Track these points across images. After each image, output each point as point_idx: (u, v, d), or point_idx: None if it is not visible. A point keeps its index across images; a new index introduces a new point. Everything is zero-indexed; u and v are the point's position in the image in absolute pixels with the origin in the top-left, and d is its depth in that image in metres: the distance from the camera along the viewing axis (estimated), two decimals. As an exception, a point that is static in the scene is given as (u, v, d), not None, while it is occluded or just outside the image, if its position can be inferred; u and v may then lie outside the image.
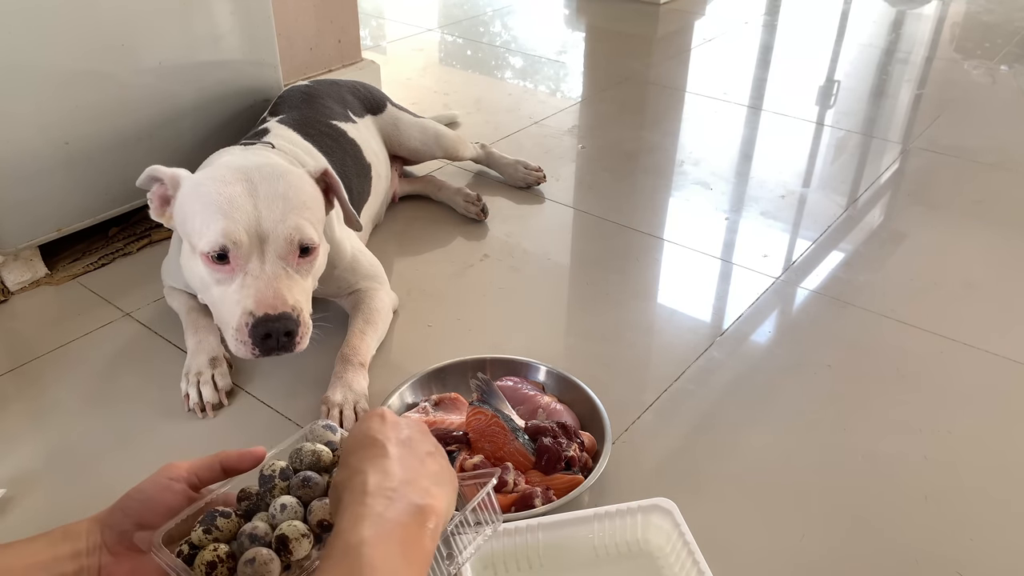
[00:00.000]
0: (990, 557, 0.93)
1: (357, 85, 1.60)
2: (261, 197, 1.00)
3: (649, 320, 1.35)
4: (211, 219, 0.98)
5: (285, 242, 1.00)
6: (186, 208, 1.02)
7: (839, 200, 1.72)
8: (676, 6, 3.07)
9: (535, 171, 1.74)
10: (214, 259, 0.99)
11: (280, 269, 1.00)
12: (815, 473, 1.04)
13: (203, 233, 0.98)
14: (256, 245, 0.99)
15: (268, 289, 0.98)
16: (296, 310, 0.99)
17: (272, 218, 0.99)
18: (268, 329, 0.97)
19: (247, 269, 0.99)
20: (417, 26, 2.88)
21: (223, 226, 0.97)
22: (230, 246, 0.97)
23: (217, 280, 1.00)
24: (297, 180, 1.04)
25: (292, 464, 0.77)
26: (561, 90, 2.34)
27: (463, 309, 1.36)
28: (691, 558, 0.84)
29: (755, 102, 2.23)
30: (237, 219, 0.98)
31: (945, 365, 1.23)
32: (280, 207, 1.00)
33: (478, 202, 1.63)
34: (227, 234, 0.97)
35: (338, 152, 1.36)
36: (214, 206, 0.98)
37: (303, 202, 1.03)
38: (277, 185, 1.01)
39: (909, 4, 3.18)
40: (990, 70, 2.48)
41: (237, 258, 0.98)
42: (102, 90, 1.35)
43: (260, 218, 0.99)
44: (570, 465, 0.98)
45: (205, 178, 1.02)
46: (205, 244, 0.98)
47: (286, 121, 1.35)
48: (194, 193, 1.02)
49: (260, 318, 0.96)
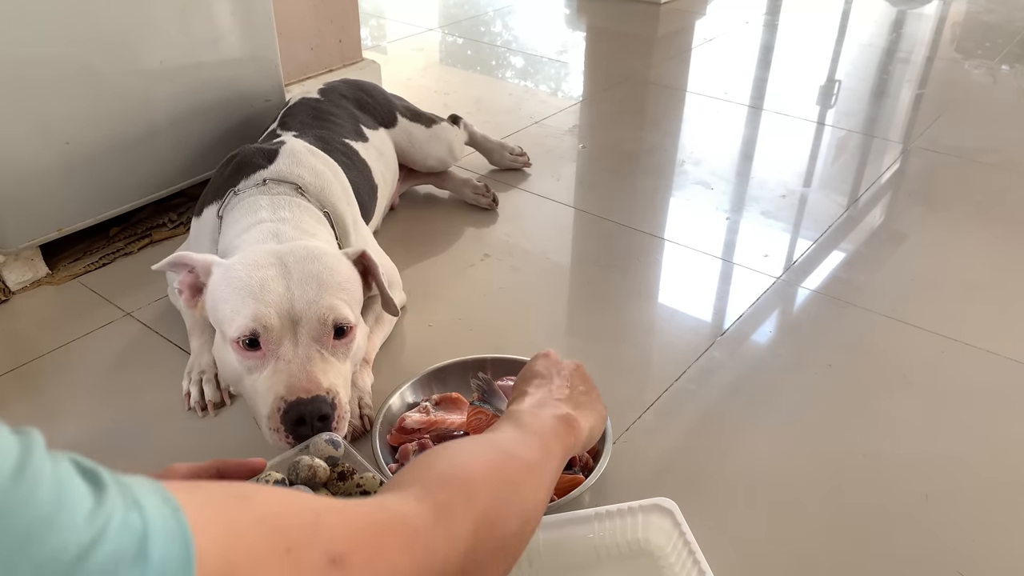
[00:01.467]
0: (990, 557, 0.93)
1: (362, 97, 1.57)
2: (295, 279, 0.96)
3: (650, 320, 1.35)
4: (241, 304, 0.94)
5: (319, 323, 0.95)
6: (217, 295, 0.98)
7: (840, 200, 1.72)
8: (677, 6, 3.07)
9: (519, 156, 1.82)
10: (245, 345, 0.94)
11: (314, 352, 0.95)
12: (815, 473, 1.04)
13: (233, 319, 0.94)
14: (289, 328, 0.95)
15: (301, 373, 0.92)
16: (331, 393, 0.93)
17: (305, 299, 0.95)
18: (300, 413, 0.90)
19: (279, 354, 0.94)
20: (418, 26, 2.88)
21: (253, 310, 0.93)
22: (260, 331, 0.93)
23: (248, 368, 0.95)
24: (333, 261, 1.01)
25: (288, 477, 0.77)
26: (562, 90, 2.34)
27: (463, 309, 1.36)
28: (692, 558, 0.84)
29: (756, 102, 2.23)
30: (268, 302, 0.94)
31: (945, 365, 1.23)
32: (314, 287, 0.96)
33: (488, 192, 1.64)
34: (257, 318, 0.93)
35: (353, 171, 1.34)
36: (245, 290, 0.94)
37: (338, 283, 0.99)
38: (312, 266, 0.98)
39: (910, 4, 3.18)
40: (991, 70, 2.47)
41: (268, 343, 0.94)
42: (103, 90, 1.35)
43: (293, 299, 0.95)
44: (571, 465, 0.98)
45: (237, 263, 0.98)
46: (235, 330, 0.94)
47: (303, 137, 1.32)
48: (224, 279, 0.97)
49: (292, 403, 0.91)
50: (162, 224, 1.55)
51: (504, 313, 1.35)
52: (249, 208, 1.13)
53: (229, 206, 1.16)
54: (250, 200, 1.14)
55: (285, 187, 1.16)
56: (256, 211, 1.12)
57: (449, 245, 1.55)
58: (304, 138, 1.32)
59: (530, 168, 1.83)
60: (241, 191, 1.16)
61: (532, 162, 1.83)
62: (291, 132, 1.35)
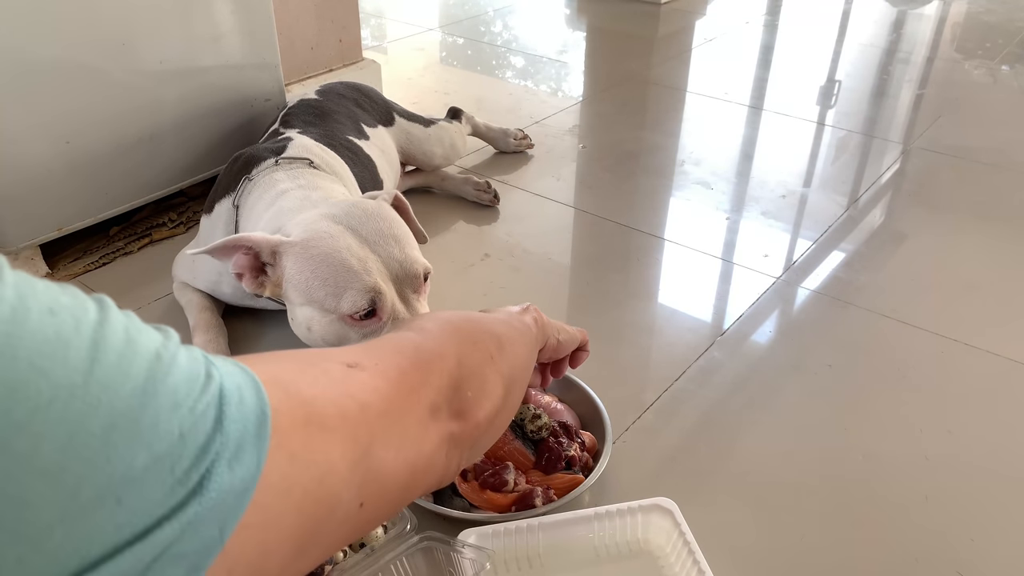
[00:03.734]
0: (990, 557, 0.93)
1: (360, 98, 1.58)
2: (373, 242, 0.99)
3: (650, 320, 1.35)
4: (345, 280, 0.96)
5: (414, 277, 1.00)
6: (305, 274, 0.98)
7: (840, 200, 1.72)
8: (677, 6, 3.07)
9: (522, 139, 1.89)
10: (362, 317, 0.97)
11: (417, 303, 1.01)
12: (815, 473, 1.04)
13: (340, 295, 0.96)
14: (394, 290, 0.99)
15: None
16: None
17: (395, 259, 0.99)
18: None
19: (395, 314, 0.99)
20: (418, 26, 2.88)
21: (364, 283, 0.96)
22: (377, 299, 0.96)
23: (365, 335, 0.99)
24: (388, 212, 1.04)
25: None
26: (562, 90, 2.34)
27: (464, 309, 1.35)
28: (692, 558, 0.84)
29: (756, 102, 2.23)
30: (370, 271, 0.97)
31: (945, 365, 1.23)
32: (394, 246, 1.00)
33: (489, 189, 1.64)
34: (370, 289, 0.96)
35: (358, 166, 1.35)
36: (341, 266, 0.96)
37: (405, 232, 1.03)
38: (380, 225, 1.01)
39: (910, 4, 3.18)
40: (991, 70, 2.48)
41: (383, 309, 0.97)
42: (103, 89, 1.35)
43: (385, 263, 0.99)
44: (571, 465, 0.98)
45: (309, 238, 0.99)
46: (349, 306, 0.96)
47: (307, 135, 1.33)
48: (307, 257, 0.98)
49: None
50: (162, 224, 1.55)
51: (504, 313, 1.35)
52: (267, 185, 1.15)
53: (245, 192, 1.18)
54: (265, 179, 1.16)
55: (298, 163, 1.20)
56: (275, 185, 1.14)
57: (449, 245, 1.55)
58: (308, 135, 1.33)
59: (532, 151, 1.90)
60: (254, 176, 1.18)
61: (532, 162, 1.83)
62: (294, 130, 1.36)
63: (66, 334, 0.32)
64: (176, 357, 0.37)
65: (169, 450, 0.34)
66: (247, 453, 0.37)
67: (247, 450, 0.37)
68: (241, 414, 0.38)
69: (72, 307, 0.34)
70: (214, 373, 0.38)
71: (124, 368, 0.34)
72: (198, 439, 0.35)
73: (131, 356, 0.34)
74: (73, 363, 0.32)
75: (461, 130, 1.75)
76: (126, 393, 0.33)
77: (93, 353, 0.33)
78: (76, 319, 0.33)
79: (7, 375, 0.29)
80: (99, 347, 0.33)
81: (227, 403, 0.37)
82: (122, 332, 0.35)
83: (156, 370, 0.35)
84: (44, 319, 0.32)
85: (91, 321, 0.34)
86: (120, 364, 0.33)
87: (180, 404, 0.35)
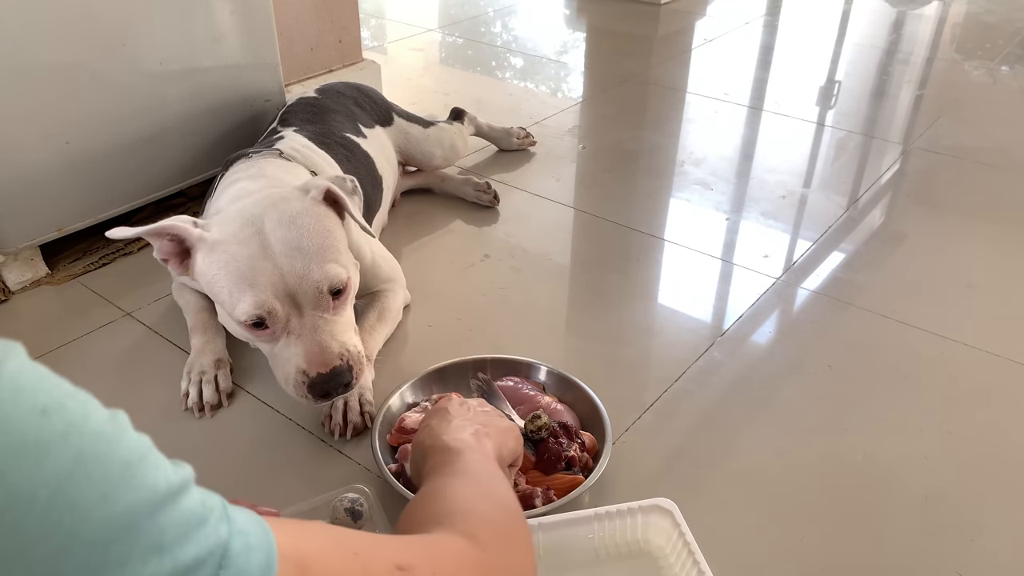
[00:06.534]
0: (990, 557, 0.93)
1: (359, 97, 1.58)
2: (277, 252, 0.96)
3: (650, 320, 1.35)
4: (238, 290, 0.95)
5: (316, 293, 0.98)
6: (209, 276, 0.98)
7: (840, 200, 1.72)
8: (677, 6, 3.07)
9: (525, 138, 1.90)
10: (252, 326, 0.97)
11: (318, 320, 0.98)
12: (815, 473, 1.04)
13: (234, 304, 0.96)
14: (290, 304, 0.97)
15: (315, 346, 0.97)
16: (343, 356, 0.98)
17: (296, 274, 0.96)
18: (325, 389, 0.98)
19: (288, 328, 0.98)
20: (418, 26, 2.88)
21: (253, 298, 0.95)
22: (265, 315, 0.96)
23: (261, 340, 1.00)
24: (306, 219, 1.00)
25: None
26: (562, 90, 2.34)
27: (464, 309, 1.36)
28: (691, 558, 0.84)
29: (756, 102, 2.23)
30: (263, 286, 0.95)
31: (945, 365, 1.23)
32: (300, 259, 0.97)
33: (489, 189, 1.65)
34: (259, 305, 0.95)
35: (354, 163, 1.36)
36: (237, 275, 0.96)
37: (319, 245, 0.99)
38: (289, 233, 0.97)
39: (910, 5, 3.18)
40: (991, 71, 2.48)
41: (275, 323, 0.97)
42: (103, 90, 1.35)
43: (284, 276, 0.96)
44: (570, 465, 0.98)
45: (219, 239, 0.98)
46: (240, 315, 0.96)
47: (301, 132, 1.34)
48: (212, 259, 0.98)
49: (315, 379, 0.97)
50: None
51: (504, 313, 1.35)
52: (227, 178, 1.17)
53: (215, 186, 1.21)
54: (230, 171, 1.19)
55: (266, 152, 1.21)
56: (234, 174, 1.17)
57: (449, 245, 1.55)
58: (303, 133, 1.34)
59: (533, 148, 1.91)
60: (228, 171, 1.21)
61: (532, 163, 1.83)
62: (291, 128, 1.36)
63: (48, 440, 0.29)
64: (180, 495, 0.32)
65: None
66: None
67: None
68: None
69: (72, 412, 0.30)
70: (222, 528, 0.33)
71: (106, 491, 0.29)
72: None
73: (120, 480, 0.30)
74: (44, 474, 0.28)
75: (462, 131, 1.75)
76: (97, 519, 0.29)
77: (72, 468, 0.29)
78: (69, 425, 0.30)
79: None
80: (83, 462, 0.29)
81: (226, 566, 0.33)
82: (122, 451, 0.31)
83: (147, 502, 0.31)
84: (30, 419, 0.29)
85: (88, 432, 0.30)
86: (102, 485, 0.29)
87: (164, 549, 0.31)
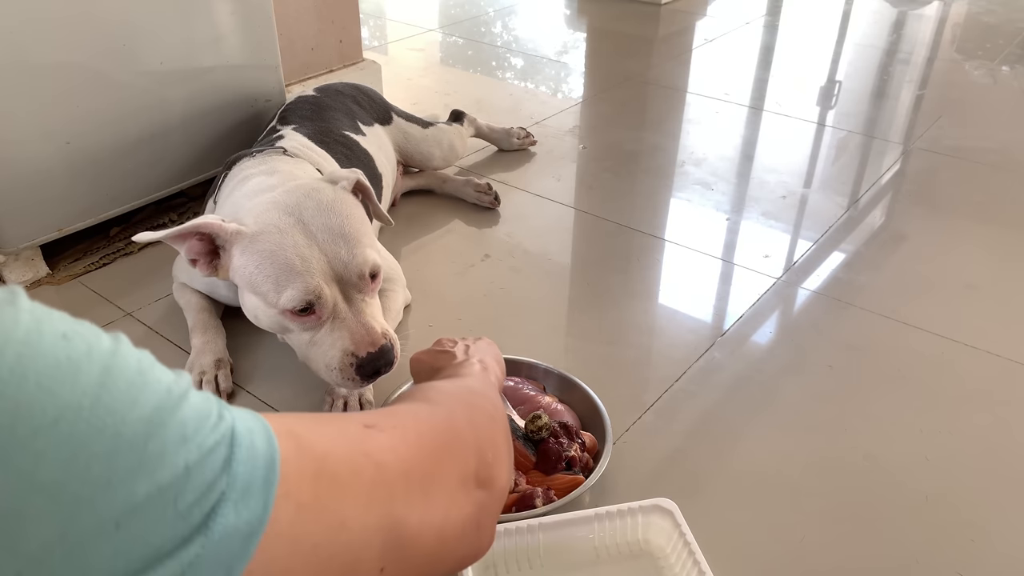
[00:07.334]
0: (990, 558, 0.93)
1: (358, 95, 1.59)
2: (320, 241, 0.99)
3: (650, 320, 1.35)
4: (285, 278, 0.97)
5: (359, 279, 1.00)
6: (251, 268, 0.99)
7: (840, 201, 1.72)
8: (677, 6, 3.07)
9: (525, 138, 1.91)
10: (298, 313, 0.98)
11: (362, 304, 1.01)
12: (815, 473, 1.04)
13: (280, 291, 0.97)
14: (336, 290, 0.99)
15: (361, 328, 1.00)
16: (387, 335, 1.02)
17: (340, 259, 0.99)
18: (376, 367, 1.00)
19: (335, 312, 0.99)
20: (418, 26, 2.88)
21: (304, 284, 0.96)
22: (315, 300, 0.97)
23: (303, 328, 1.00)
24: (342, 207, 1.03)
25: None
26: (562, 90, 2.34)
27: (464, 309, 1.36)
28: (692, 558, 0.84)
29: (756, 103, 2.23)
30: (313, 272, 0.97)
31: (945, 365, 1.23)
32: (343, 246, 0.99)
33: (490, 191, 1.65)
34: (309, 291, 0.96)
35: (353, 161, 1.36)
36: (283, 264, 0.97)
37: (357, 230, 1.02)
38: (330, 220, 1.00)
39: (910, 5, 3.18)
40: (991, 71, 2.48)
41: (323, 308, 0.98)
42: (104, 90, 1.35)
43: (330, 262, 0.98)
44: (571, 465, 0.98)
45: (258, 232, 0.99)
46: (288, 302, 0.97)
47: (301, 131, 1.35)
48: (253, 252, 0.99)
49: (364, 359, 0.99)
50: (162, 224, 1.55)
51: (504, 313, 1.35)
52: (234, 175, 1.18)
53: (221, 185, 1.20)
54: (236, 170, 1.19)
55: (270, 149, 1.22)
56: (242, 172, 1.17)
57: (450, 245, 1.55)
58: (302, 131, 1.34)
59: (534, 148, 1.91)
60: (231, 170, 1.21)
61: (532, 163, 1.83)
62: (290, 126, 1.37)
63: (77, 358, 0.33)
64: (188, 394, 0.37)
65: (173, 482, 0.34)
66: (253, 497, 0.37)
67: (254, 494, 0.37)
68: (250, 457, 0.38)
69: (86, 335, 0.35)
70: (226, 415, 0.38)
71: (133, 396, 0.34)
72: (204, 476, 0.35)
73: (141, 386, 0.35)
74: (82, 386, 0.32)
75: (462, 132, 1.75)
76: (133, 420, 0.33)
77: (103, 379, 0.33)
78: (89, 346, 0.34)
79: (14, 393, 0.30)
80: (109, 374, 0.34)
81: (237, 445, 0.37)
82: (134, 363, 0.36)
83: (166, 402, 0.35)
84: (57, 343, 0.33)
85: (104, 349, 0.35)
86: (129, 392, 0.34)
87: (188, 439, 0.35)
